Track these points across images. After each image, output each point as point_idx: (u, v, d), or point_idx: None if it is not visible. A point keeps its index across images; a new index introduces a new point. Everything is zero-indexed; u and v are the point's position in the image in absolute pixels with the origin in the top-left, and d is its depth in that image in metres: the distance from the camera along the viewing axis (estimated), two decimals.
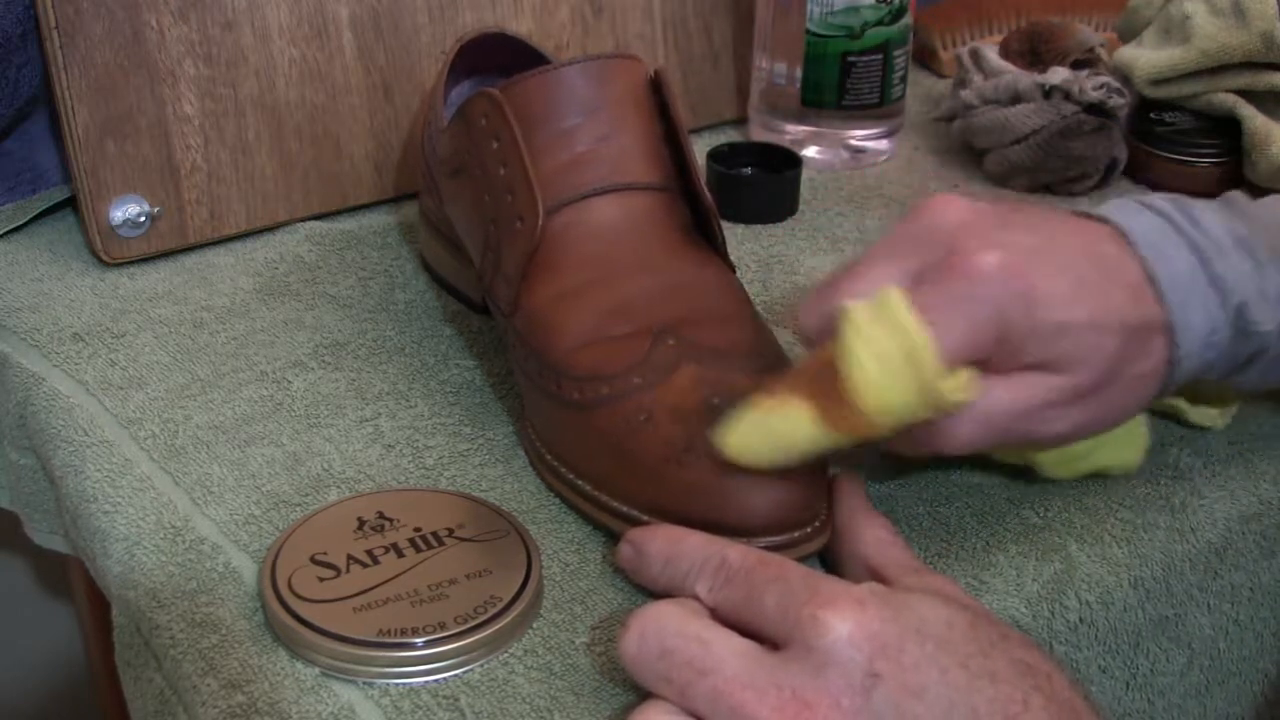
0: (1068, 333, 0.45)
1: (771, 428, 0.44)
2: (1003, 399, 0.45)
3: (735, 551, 0.42)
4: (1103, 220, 0.48)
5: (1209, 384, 0.52)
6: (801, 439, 0.44)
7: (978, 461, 0.54)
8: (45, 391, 0.59)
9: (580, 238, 0.53)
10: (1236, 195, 0.51)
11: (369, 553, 0.47)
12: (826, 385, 0.43)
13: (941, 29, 0.94)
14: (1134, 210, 0.49)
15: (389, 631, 0.44)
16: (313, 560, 0.47)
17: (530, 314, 0.53)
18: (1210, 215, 0.49)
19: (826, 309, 0.45)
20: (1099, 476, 0.54)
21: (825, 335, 0.45)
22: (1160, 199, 0.50)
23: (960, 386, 0.43)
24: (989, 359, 0.44)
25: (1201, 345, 0.47)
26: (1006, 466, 0.54)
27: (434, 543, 0.48)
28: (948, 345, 0.42)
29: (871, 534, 0.47)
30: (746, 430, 0.45)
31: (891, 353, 0.42)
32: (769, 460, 0.45)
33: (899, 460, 0.53)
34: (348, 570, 0.46)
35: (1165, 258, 0.47)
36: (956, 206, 0.47)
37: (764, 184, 0.75)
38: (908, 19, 0.77)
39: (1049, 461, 0.52)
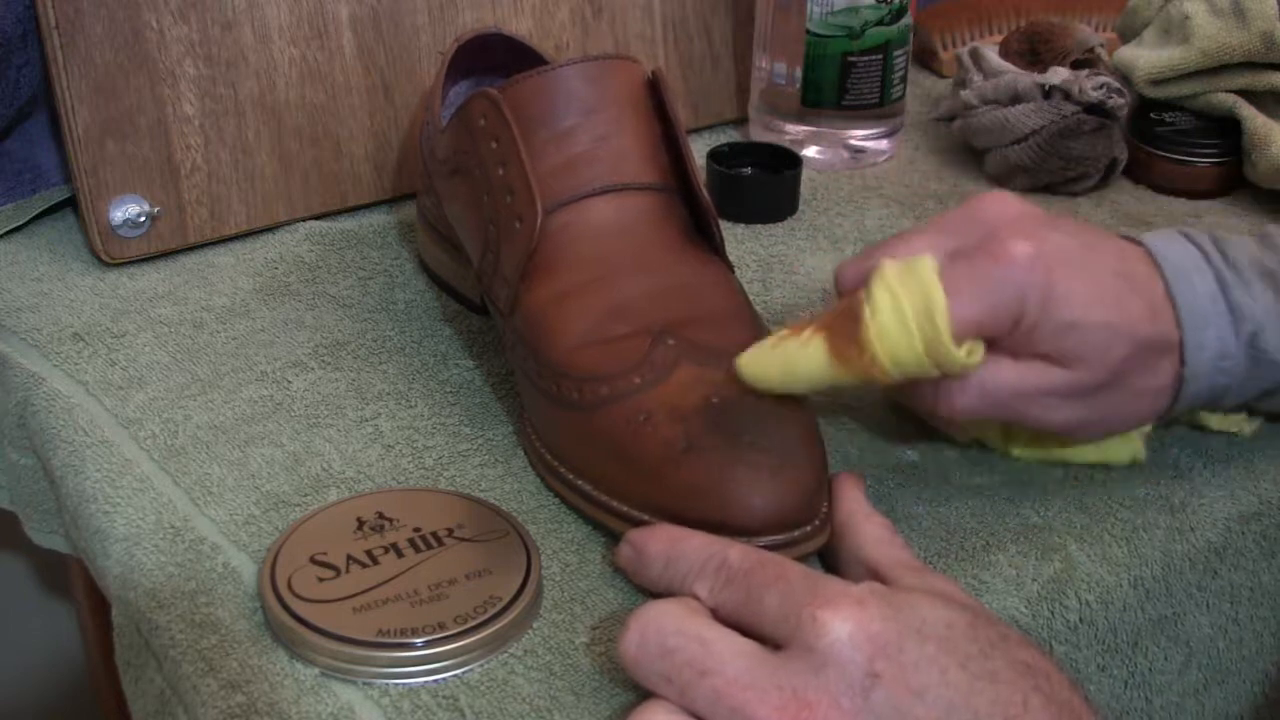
0: (1077, 331, 0.47)
1: (785, 355, 0.47)
2: (1007, 376, 0.48)
3: (736, 552, 0.42)
4: (1138, 243, 0.51)
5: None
6: (811, 369, 0.47)
7: (978, 461, 0.55)
8: (45, 391, 0.59)
9: (579, 238, 0.53)
10: (1275, 231, 0.53)
11: (368, 553, 0.47)
12: (845, 326, 0.47)
13: (941, 29, 0.94)
14: (1171, 238, 0.52)
15: (388, 632, 0.44)
16: (312, 560, 0.47)
17: (529, 314, 0.53)
18: (1242, 249, 0.51)
19: (865, 267, 0.48)
20: (1098, 477, 0.54)
21: (858, 288, 0.48)
22: (1200, 232, 0.52)
23: (968, 353, 0.46)
24: (1006, 341, 0.47)
25: (1211, 369, 0.50)
26: (1006, 466, 0.54)
27: (433, 543, 0.48)
28: (962, 315, 0.46)
29: (871, 534, 0.47)
30: (762, 354, 0.48)
31: (908, 308, 0.45)
32: (778, 385, 0.48)
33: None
34: (347, 570, 0.46)
35: (1189, 284, 0.50)
36: (1008, 202, 0.50)
37: (764, 184, 0.75)
38: (908, 19, 0.77)
39: (1024, 452, 0.55)
